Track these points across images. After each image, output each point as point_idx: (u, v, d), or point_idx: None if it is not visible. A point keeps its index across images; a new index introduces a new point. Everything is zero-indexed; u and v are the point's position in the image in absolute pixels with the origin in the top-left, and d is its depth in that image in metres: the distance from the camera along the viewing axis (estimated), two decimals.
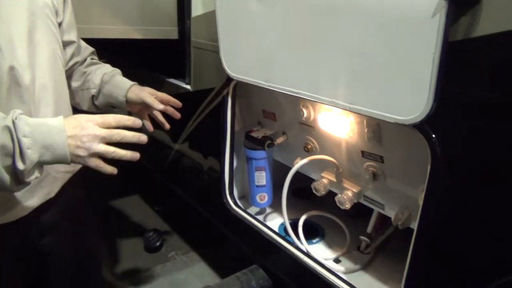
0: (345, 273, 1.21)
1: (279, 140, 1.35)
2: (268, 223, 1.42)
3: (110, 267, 1.98)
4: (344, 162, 1.18)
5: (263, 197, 1.44)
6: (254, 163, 1.39)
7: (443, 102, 0.75)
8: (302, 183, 1.40)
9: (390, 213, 1.12)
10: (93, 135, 0.73)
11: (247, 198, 1.57)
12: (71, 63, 1.08)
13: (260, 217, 1.48)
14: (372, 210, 1.27)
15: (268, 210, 1.54)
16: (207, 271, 2.06)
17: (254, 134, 1.37)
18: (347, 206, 1.16)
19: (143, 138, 0.79)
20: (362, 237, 1.29)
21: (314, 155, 1.22)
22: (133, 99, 1.09)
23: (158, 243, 2.14)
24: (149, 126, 1.16)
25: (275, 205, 1.50)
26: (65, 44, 1.02)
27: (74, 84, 1.11)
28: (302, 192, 1.63)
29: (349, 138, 1.11)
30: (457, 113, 0.75)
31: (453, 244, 0.83)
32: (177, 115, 1.18)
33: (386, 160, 1.04)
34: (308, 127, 1.23)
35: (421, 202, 0.96)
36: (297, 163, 1.29)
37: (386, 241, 1.29)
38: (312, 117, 1.19)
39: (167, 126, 1.16)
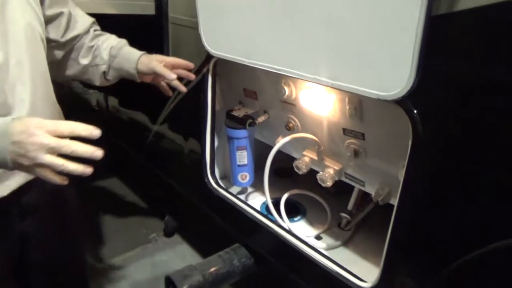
0: (326, 249, 1.23)
1: (261, 119, 1.34)
2: (250, 202, 1.42)
3: (90, 249, 1.95)
4: (325, 140, 1.18)
5: (244, 177, 1.44)
6: (235, 143, 1.37)
7: (425, 77, 0.75)
8: (283, 162, 1.40)
9: (371, 189, 1.13)
10: (40, 144, 0.66)
11: (228, 178, 1.56)
12: (69, 36, 1.03)
13: (242, 197, 1.48)
14: (352, 188, 1.28)
15: (249, 189, 1.54)
16: (189, 252, 2.06)
17: (235, 113, 1.35)
18: (329, 183, 1.17)
19: (97, 153, 0.71)
20: (343, 214, 1.31)
21: (295, 133, 1.21)
22: (144, 70, 1.08)
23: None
24: (180, 87, 1.17)
25: (257, 185, 1.50)
26: (53, 18, 0.97)
27: (83, 61, 1.08)
28: (283, 171, 1.63)
29: (331, 115, 1.11)
30: (440, 89, 0.75)
31: (432, 220, 0.84)
32: (191, 76, 1.18)
33: (368, 137, 1.04)
34: (289, 105, 1.23)
35: (401, 179, 0.98)
36: (278, 141, 1.28)
37: (365, 218, 1.32)
38: (293, 95, 1.17)
39: (183, 89, 1.17)
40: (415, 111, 0.79)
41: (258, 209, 1.39)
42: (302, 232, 1.27)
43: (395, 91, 0.79)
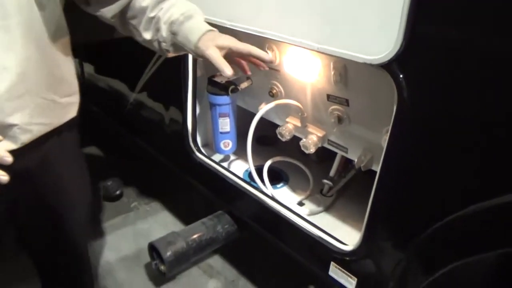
0: (309, 215, 1.24)
1: (243, 85, 1.31)
2: (233, 170, 1.41)
3: None
4: (309, 106, 1.17)
5: (227, 144, 1.42)
6: (217, 109, 1.35)
7: (412, 41, 0.74)
8: (265, 130, 1.39)
9: (353, 156, 1.14)
10: None
11: (210, 146, 1.55)
12: None
13: (225, 164, 1.47)
14: (334, 155, 1.29)
15: (231, 157, 1.54)
16: (171, 220, 2.06)
17: (217, 79, 1.32)
18: (312, 150, 1.17)
19: (2, 179, 0.72)
20: (325, 181, 1.32)
21: (279, 100, 1.20)
22: (201, 56, 0.89)
23: (118, 192, 2.09)
24: (245, 69, 1.01)
25: (239, 152, 1.49)
26: None
27: (146, 35, 0.91)
28: (265, 139, 1.63)
29: (315, 81, 1.09)
30: (427, 53, 0.74)
31: (413, 187, 0.86)
32: (264, 67, 1.01)
33: (352, 103, 1.04)
34: (273, 71, 1.20)
35: (384, 144, 0.98)
36: (262, 108, 1.26)
37: (347, 185, 1.34)
38: (277, 60, 1.15)
39: (248, 72, 1.02)
40: (401, 76, 0.78)
41: (241, 176, 1.39)
42: (285, 199, 1.28)
43: (381, 54, 0.78)
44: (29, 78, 0.80)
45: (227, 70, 0.88)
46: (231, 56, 0.93)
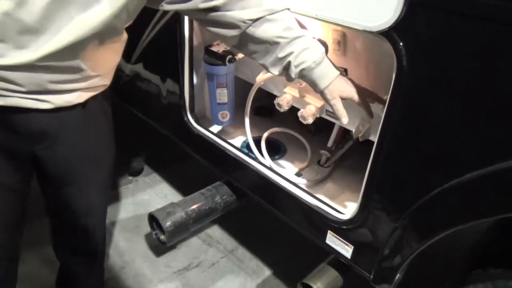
0: (306, 185, 1.25)
1: (241, 54, 1.29)
2: (230, 141, 1.41)
3: None
4: None
5: (225, 115, 1.42)
6: (215, 80, 1.34)
7: (413, 8, 0.72)
8: (262, 101, 1.38)
9: (351, 126, 1.14)
10: None
11: (207, 118, 1.54)
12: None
13: (222, 136, 1.47)
14: (331, 126, 1.29)
15: (229, 128, 1.53)
16: (170, 191, 2.08)
17: (214, 49, 1.30)
18: (310, 120, 1.17)
19: None
20: (323, 151, 1.33)
21: None
22: (324, 98, 0.93)
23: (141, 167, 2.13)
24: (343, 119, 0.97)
25: (236, 124, 1.49)
26: None
27: (274, 70, 0.91)
28: (263, 110, 1.62)
29: None
30: (427, 20, 0.73)
31: (410, 157, 0.86)
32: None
33: (350, 73, 1.03)
34: None
35: (382, 114, 0.98)
36: (260, 78, 1.25)
37: (344, 156, 1.34)
38: None
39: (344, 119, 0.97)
40: (401, 43, 0.77)
41: (239, 147, 1.39)
42: (283, 170, 1.29)
43: (381, 21, 0.76)
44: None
45: (345, 120, 0.94)
46: None
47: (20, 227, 1.06)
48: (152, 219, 1.28)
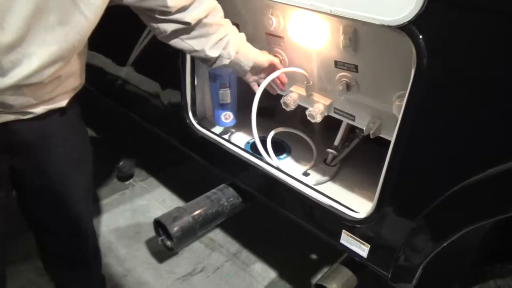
0: (315, 184, 1.23)
1: None
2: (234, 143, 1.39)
3: None
4: (315, 74, 1.14)
5: (228, 116, 1.39)
6: (218, 80, 1.31)
7: (433, 0, 0.71)
8: (262, 101, 1.35)
9: (361, 123, 1.12)
10: None
11: (207, 120, 1.50)
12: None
13: (225, 137, 1.44)
14: (334, 124, 1.27)
15: (231, 130, 1.50)
16: (168, 195, 2.04)
17: None
18: (318, 119, 1.15)
19: None
20: (330, 150, 1.31)
21: (284, 68, 1.16)
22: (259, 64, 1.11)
23: (131, 171, 2.07)
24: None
25: (238, 125, 1.46)
26: None
27: (211, 53, 1.02)
28: (263, 111, 1.59)
29: (322, 48, 1.06)
30: (449, 13, 0.72)
31: (430, 152, 0.85)
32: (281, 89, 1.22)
33: (361, 69, 1.01)
34: (276, 38, 1.16)
35: (395, 110, 0.97)
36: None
37: (348, 154, 1.33)
38: (281, 27, 1.11)
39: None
40: (420, 37, 0.75)
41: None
42: (289, 170, 1.27)
43: (400, 15, 0.75)
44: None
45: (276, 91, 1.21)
46: None
47: (4, 245, 1.03)
48: (158, 224, 1.24)
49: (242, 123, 1.44)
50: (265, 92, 1.27)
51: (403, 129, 0.85)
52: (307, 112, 1.16)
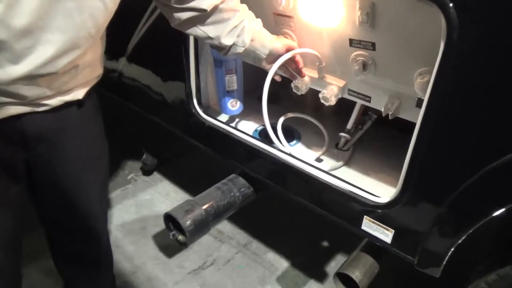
0: (331, 170, 1.19)
1: None
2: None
3: None
4: (327, 54, 1.09)
5: (234, 103, 1.33)
6: (224, 66, 1.25)
7: None
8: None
9: (377, 104, 1.08)
10: None
11: (212, 109, 1.45)
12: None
13: (232, 125, 1.39)
14: (343, 108, 1.23)
15: (237, 117, 1.45)
16: (172, 188, 1.99)
17: None
18: (333, 101, 1.10)
19: None
20: (342, 134, 1.26)
21: (295, 50, 1.10)
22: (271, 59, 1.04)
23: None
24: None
25: (244, 112, 1.40)
26: None
27: (226, 41, 0.97)
28: (271, 97, 1.54)
29: (335, 26, 1.00)
30: None
31: (458, 133, 0.80)
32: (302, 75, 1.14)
33: (379, 47, 0.96)
34: (285, 18, 1.10)
35: (417, 88, 0.92)
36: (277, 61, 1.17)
37: (359, 138, 1.28)
38: (291, 6, 1.05)
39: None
40: (450, 5, 0.70)
41: None
42: (302, 156, 1.22)
43: None
44: None
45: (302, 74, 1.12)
46: None
47: (21, 243, 0.99)
48: (169, 218, 1.19)
49: (247, 110, 1.39)
50: (264, 77, 1.21)
51: (430, 109, 0.81)
52: (320, 95, 1.11)
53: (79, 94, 0.84)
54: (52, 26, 0.67)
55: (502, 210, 0.80)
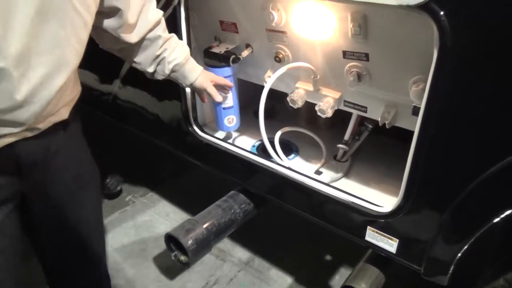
0: (331, 182, 1.19)
1: (244, 53, 1.22)
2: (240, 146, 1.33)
3: None
4: (321, 67, 1.10)
5: (231, 120, 1.33)
6: None
7: None
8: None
9: (373, 114, 1.08)
10: None
11: (208, 126, 1.44)
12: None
13: (230, 142, 1.38)
14: (338, 120, 1.23)
15: (234, 134, 1.45)
16: (171, 208, 1.97)
17: (215, 50, 1.22)
18: (329, 113, 1.11)
19: None
20: (340, 145, 1.27)
21: (290, 64, 1.11)
22: (197, 88, 1.12)
23: (118, 188, 1.98)
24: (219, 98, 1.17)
25: (241, 128, 1.40)
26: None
27: (149, 69, 1.04)
28: (266, 112, 1.54)
29: (328, 39, 1.02)
30: None
31: (457, 139, 0.81)
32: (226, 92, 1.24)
33: (372, 57, 0.97)
34: (278, 33, 1.11)
35: (413, 96, 0.92)
36: (268, 76, 1.18)
37: (357, 149, 1.29)
38: (283, 21, 1.06)
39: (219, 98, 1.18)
40: (441, 13, 0.71)
41: None
42: (301, 169, 1.22)
43: None
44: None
45: (219, 97, 1.17)
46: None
47: (20, 266, 0.95)
48: (170, 239, 1.17)
49: (244, 126, 1.39)
50: (259, 93, 1.22)
51: (427, 116, 0.81)
52: (317, 108, 1.11)
53: (64, 113, 0.85)
54: (42, 48, 0.69)
55: (507, 213, 0.80)
